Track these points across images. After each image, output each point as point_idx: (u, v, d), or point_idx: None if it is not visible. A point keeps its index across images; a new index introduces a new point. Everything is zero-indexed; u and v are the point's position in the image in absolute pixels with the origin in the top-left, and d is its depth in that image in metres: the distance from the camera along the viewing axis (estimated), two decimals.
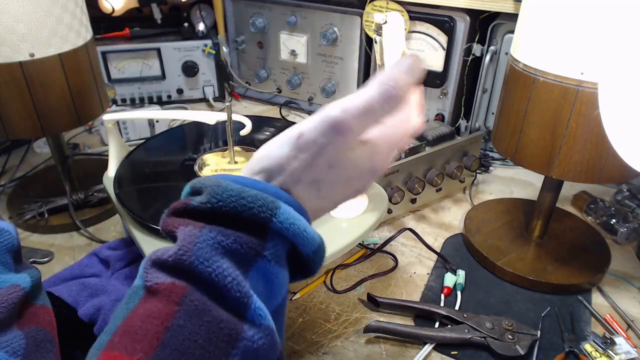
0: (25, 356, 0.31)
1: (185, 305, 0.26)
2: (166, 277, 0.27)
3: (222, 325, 0.27)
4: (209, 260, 0.27)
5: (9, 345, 0.31)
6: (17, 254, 0.37)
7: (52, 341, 0.35)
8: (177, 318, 0.26)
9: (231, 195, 0.29)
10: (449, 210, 0.86)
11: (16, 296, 0.33)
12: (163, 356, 0.25)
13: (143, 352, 0.25)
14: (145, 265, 0.29)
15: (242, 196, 0.29)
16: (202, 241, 0.28)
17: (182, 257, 0.27)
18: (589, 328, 0.62)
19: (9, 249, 0.36)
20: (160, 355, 0.25)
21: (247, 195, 0.29)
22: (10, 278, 0.34)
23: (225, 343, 0.26)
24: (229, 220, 0.29)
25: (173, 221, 0.30)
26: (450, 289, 0.68)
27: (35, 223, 0.79)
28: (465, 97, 0.99)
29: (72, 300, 0.62)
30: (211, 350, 0.26)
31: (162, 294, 0.27)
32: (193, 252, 0.27)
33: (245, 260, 0.29)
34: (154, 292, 0.27)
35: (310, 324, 0.62)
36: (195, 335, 0.26)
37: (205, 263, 0.27)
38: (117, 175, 0.67)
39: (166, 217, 0.31)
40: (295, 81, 1.15)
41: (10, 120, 0.69)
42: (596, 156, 0.59)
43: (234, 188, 0.29)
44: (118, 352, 0.25)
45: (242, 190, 0.29)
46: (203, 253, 0.28)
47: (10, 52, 0.64)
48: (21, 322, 0.33)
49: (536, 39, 0.59)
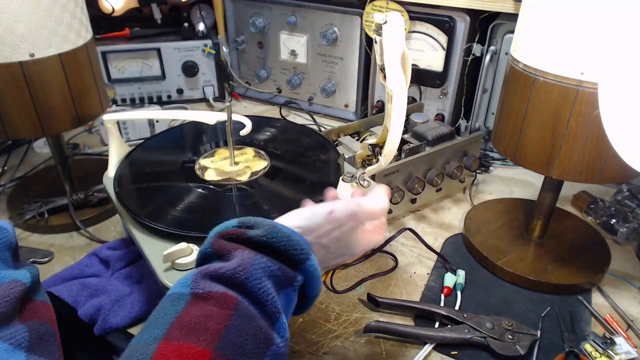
0: (29, 348, 0.32)
1: (239, 311, 0.34)
2: (219, 287, 0.35)
3: (262, 331, 0.35)
4: (259, 280, 0.36)
5: (13, 338, 0.31)
6: (15, 252, 0.37)
7: (54, 335, 0.35)
8: (232, 319, 0.33)
9: (283, 236, 0.39)
10: (449, 210, 0.86)
11: (17, 291, 0.33)
12: (223, 346, 0.32)
13: (207, 343, 0.31)
14: (195, 277, 0.36)
15: (290, 239, 0.39)
16: (256, 264, 0.36)
17: (239, 273, 0.35)
18: (589, 328, 0.62)
19: (8, 246, 0.36)
20: (222, 345, 0.32)
21: (294, 239, 0.39)
22: (11, 274, 0.35)
23: (263, 345, 0.34)
24: (277, 254, 0.38)
25: (227, 245, 0.38)
26: (450, 289, 0.68)
27: (35, 223, 0.79)
28: (465, 97, 0.99)
29: (72, 300, 0.62)
30: (254, 348, 0.34)
31: (216, 300, 0.34)
32: (249, 271, 0.36)
33: (280, 285, 0.38)
34: (205, 298, 0.34)
35: (310, 324, 0.62)
36: (246, 334, 0.33)
37: (256, 281, 0.35)
38: (117, 175, 0.67)
39: (217, 238, 0.39)
40: (295, 81, 1.15)
41: (10, 120, 0.69)
42: (596, 156, 0.59)
43: (285, 231, 0.39)
44: (180, 342, 0.31)
45: (291, 234, 0.39)
46: (256, 273, 0.36)
47: (10, 52, 0.64)
48: (23, 317, 0.34)
49: (536, 39, 0.59)
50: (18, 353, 0.31)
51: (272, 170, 0.68)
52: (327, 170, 0.70)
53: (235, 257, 0.37)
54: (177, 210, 0.60)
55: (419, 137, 0.85)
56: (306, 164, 0.72)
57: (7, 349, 0.30)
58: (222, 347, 0.32)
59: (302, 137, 0.80)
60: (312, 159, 0.73)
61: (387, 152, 0.57)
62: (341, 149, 0.86)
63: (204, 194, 0.64)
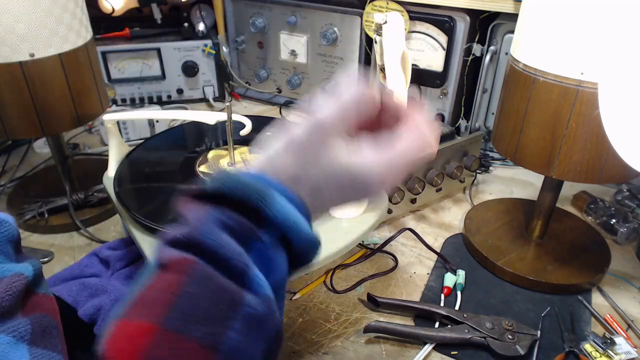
0: (32, 341, 0.32)
1: (194, 274, 0.30)
2: (177, 253, 0.31)
3: (226, 292, 0.30)
4: (214, 234, 0.31)
5: (16, 330, 0.31)
6: (17, 245, 0.37)
7: (56, 327, 0.35)
8: (186, 285, 0.29)
9: (236, 183, 0.33)
10: (449, 210, 0.86)
11: (20, 284, 0.34)
12: (173, 318, 0.28)
13: (156, 317, 0.28)
14: (159, 247, 0.32)
15: (244, 184, 0.33)
16: (209, 219, 0.32)
17: (192, 233, 0.31)
18: (589, 328, 0.62)
19: (9, 239, 0.36)
20: (171, 317, 0.28)
21: (247, 183, 0.33)
22: (13, 267, 0.35)
23: (228, 308, 0.29)
24: (231, 204, 0.33)
25: (186, 205, 0.34)
26: (450, 289, 0.68)
27: (35, 223, 0.79)
28: (465, 97, 0.99)
29: (72, 300, 0.62)
30: (215, 314, 0.29)
31: (174, 268, 0.30)
32: (202, 228, 0.31)
33: (244, 240, 0.32)
34: (166, 267, 0.30)
35: (310, 324, 0.62)
36: (202, 300, 0.29)
37: (211, 236, 0.31)
38: (117, 175, 0.67)
39: (182, 200, 0.35)
40: (295, 81, 1.15)
41: (10, 120, 0.69)
42: (596, 156, 0.59)
43: (239, 178, 0.33)
44: (132, 319, 0.29)
45: (245, 181, 0.33)
46: (209, 227, 0.31)
47: (10, 52, 0.64)
48: (25, 310, 0.34)
49: (536, 39, 0.59)
50: (21, 346, 0.31)
51: None
52: None
53: (189, 216, 0.33)
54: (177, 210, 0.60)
55: None
56: None
57: (10, 341, 0.31)
58: (171, 319, 0.28)
59: None
60: None
61: None
62: None
63: None
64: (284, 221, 0.33)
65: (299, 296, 0.66)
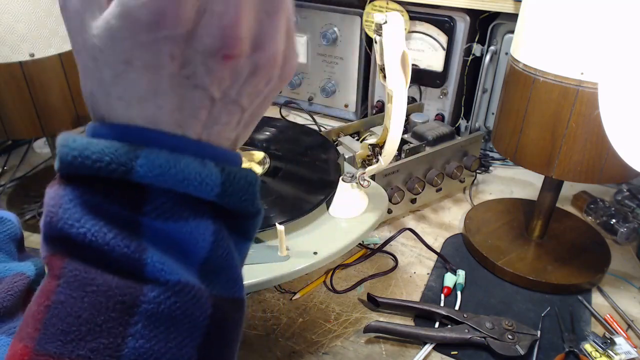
0: None
1: (65, 277, 0.23)
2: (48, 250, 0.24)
3: (111, 293, 0.23)
4: (80, 221, 0.23)
5: None
6: (20, 243, 0.37)
7: None
8: (57, 294, 0.23)
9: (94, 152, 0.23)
10: (449, 210, 0.86)
11: (22, 284, 0.33)
12: (47, 339, 0.22)
13: (29, 338, 0.22)
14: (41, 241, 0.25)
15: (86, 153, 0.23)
16: (67, 201, 0.23)
17: (50, 223, 0.23)
18: (589, 328, 0.62)
19: (12, 237, 0.36)
20: (44, 338, 0.22)
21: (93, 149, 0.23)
22: (15, 266, 0.35)
23: (119, 312, 0.22)
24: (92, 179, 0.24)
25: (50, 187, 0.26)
26: (450, 289, 0.68)
27: (35, 223, 0.79)
28: (465, 97, 0.99)
29: None
30: (101, 324, 0.22)
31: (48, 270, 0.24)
32: (59, 215, 0.23)
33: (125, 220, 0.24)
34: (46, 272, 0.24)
35: (310, 324, 0.62)
36: (78, 309, 0.22)
37: (76, 225, 0.23)
38: None
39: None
40: (295, 81, 1.15)
41: (10, 120, 0.69)
42: (596, 156, 0.59)
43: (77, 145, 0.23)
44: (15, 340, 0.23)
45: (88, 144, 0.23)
46: (72, 214, 0.23)
47: (10, 52, 0.64)
48: None
49: (536, 39, 0.59)
50: None
51: (272, 170, 0.68)
52: (327, 170, 0.70)
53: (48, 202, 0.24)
54: None
55: (419, 137, 0.85)
56: (306, 164, 0.72)
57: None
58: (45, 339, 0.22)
59: (302, 137, 0.80)
60: (312, 159, 0.73)
61: (387, 152, 0.58)
62: (341, 149, 0.86)
63: None
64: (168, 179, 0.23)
65: (299, 296, 0.66)
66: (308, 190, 0.65)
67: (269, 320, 0.63)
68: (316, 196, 0.62)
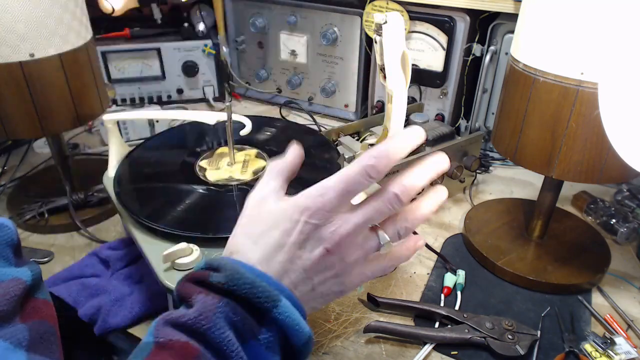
0: (29, 347, 0.32)
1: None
2: (181, 336, 0.32)
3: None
4: (222, 330, 0.32)
5: (14, 337, 0.31)
6: (17, 249, 0.37)
7: (54, 333, 0.35)
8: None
9: (245, 283, 0.34)
10: (449, 210, 0.86)
11: (18, 289, 0.33)
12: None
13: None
14: (157, 324, 0.33)
15: (254, 285, 0.34)
16: (219, 312, 0.33)
17: (201, 322, 0.32)
18: (589, 328, 0.62)
19: (9, 243, 0.36)
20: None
21: (258, 285, 0.34)
22: (12, 272, 0.35)
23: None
24: (241, 300, 0.34)
25: (191, 288, 0.35)
26: (450, 289, 0.68)
27: (35, 223, 0.79)
28: (465, 97, 0.99)
29: (72, 300, 0.62)
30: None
31: (177, 351, 0.31)
32: (211, 320, 0.32)
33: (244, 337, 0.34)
34: (166, 347, 0.31)
35: (310, 324, 0.62)
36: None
37: (219, 331, 0.32)
38: (117, 175, 0.67)
39: (184, 282, 0.36)
40: (295, 81, 1.15)
41: (10, 120, 0.69)
42: (596, 156, 0.59)
43: (248, 277, 0.34)
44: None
45: (255, 280, 0.34)
46: (219, 322, 0.32)
47: (10, 52, 0.64)
48: (24, 316, 0.33)
49: (536, 39, 0.59)
50: (19, 352, 0.31)
51: None
52: (327, 170, 0.70)
53: (197, 303, 0.34)
54: (177, 211, 0.60)
55: None
56: (306, 164, 0.72)
57: (8, 347, 0.30)
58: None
59: (302, 137, 0.80)
60: (312, 159, 0.73)
61: None
62: (341, 149, 0.86)
63: (204, 194, 0.64)
64: (291, 325, 0.35)
65: None
66: None
67: None
68: None
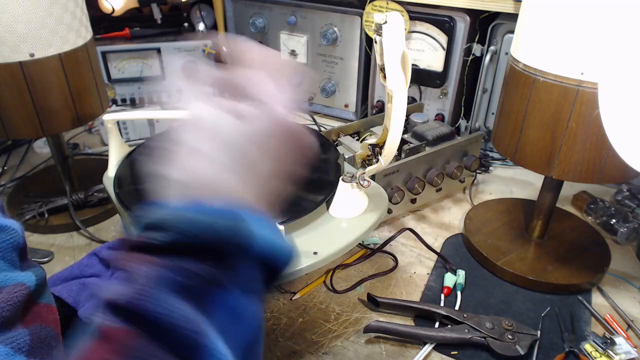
0: (30, 352, 0.31)
1: (127, 351, 0.25)
2: (113, 320, 0.26)
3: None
4: (163, 302, 0.26)
5: (14, 342, 0.31)
6: (22, 252, 0.37)
7: (56, 338, 0.35)
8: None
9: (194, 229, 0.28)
10: (449, 210, 0.86)
11: (21, 294, 0.33)
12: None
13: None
14: (97, 305, 0.27)
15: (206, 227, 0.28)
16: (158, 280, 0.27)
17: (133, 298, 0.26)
18: (589, 328, 0.62)
19: (15, 246, 0.36)
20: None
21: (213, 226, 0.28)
22: (16, 276, 0.34)
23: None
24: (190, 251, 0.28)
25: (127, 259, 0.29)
26: (450, 289, 0.68)
27: (35, 223, 0.79)
28: (465, 97, 0.99)
29: (72, 300, 0.62)
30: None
31: (107, 338, 0.26)
32: (145, 291, 0.26)
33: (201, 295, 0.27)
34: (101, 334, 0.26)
35: (310, 324, 0.62)
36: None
37: (159, 303, 0.26)
38: (117, 175, 0.67)
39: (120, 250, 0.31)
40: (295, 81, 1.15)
41: (10, 120, 0.69)
42: (596, 156, 0.59)
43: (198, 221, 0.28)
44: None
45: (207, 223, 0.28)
46: (155, 293, 0.26)
47: (10, 52, 0.64)
48: (26, 320, 0.33)
49: (536, 39, 0.59)
50: (18, 357, 0.31)
51: None
52: (327, 170, 0.70)
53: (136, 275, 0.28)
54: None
55: (419, 137, 0.85)
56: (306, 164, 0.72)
57: (8, 352, 0.30)
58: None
59: None
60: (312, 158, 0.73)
61: (387, 152, 0.57)
62: (341, 149, 0.86)
63: None
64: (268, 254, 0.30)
65: (299, 296, 0.66)
66: (308, 190, 0.65)
67: (269, 320, 0.63)
68: (316, 196, 0.62)
